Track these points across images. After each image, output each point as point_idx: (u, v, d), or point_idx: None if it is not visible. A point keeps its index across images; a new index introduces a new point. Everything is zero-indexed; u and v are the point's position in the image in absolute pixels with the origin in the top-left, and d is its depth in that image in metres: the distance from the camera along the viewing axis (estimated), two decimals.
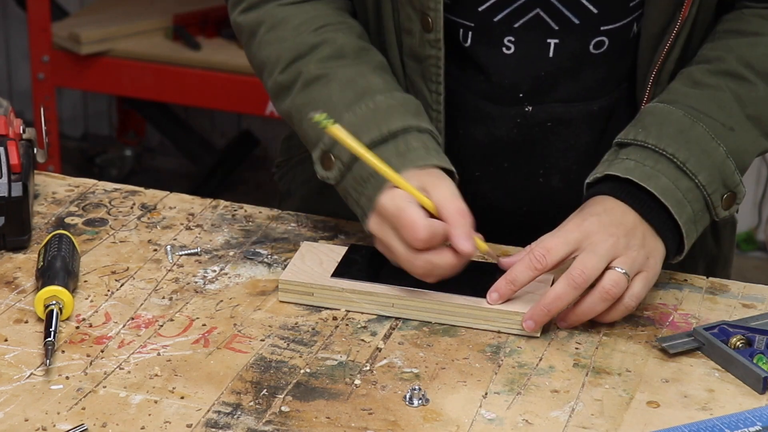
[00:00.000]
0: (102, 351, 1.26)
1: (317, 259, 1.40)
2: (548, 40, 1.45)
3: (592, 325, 1.33)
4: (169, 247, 1.45)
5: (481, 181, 1.53)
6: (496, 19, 1.44)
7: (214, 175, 3.85)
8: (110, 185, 1.59)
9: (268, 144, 3.96)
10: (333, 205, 1.54)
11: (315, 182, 1.61)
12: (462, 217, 1.30)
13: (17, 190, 1.43)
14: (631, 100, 1.51)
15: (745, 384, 1.24)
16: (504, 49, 1.46)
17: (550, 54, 1.45)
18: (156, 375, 1.23)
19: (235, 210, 1.55)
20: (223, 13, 3.42)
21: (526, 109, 1.48)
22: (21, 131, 1.51)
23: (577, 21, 1.44)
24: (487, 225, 1.45)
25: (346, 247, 1.43)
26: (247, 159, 3.93)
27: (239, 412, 1.18)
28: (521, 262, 1.32)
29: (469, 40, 1.47)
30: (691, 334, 1.29)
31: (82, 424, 1.15)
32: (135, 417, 1.17)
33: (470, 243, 1.30)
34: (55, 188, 1.58)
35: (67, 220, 1.51)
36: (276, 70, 1.47)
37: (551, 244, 1.31)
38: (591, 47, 1.45)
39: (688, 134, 1.38)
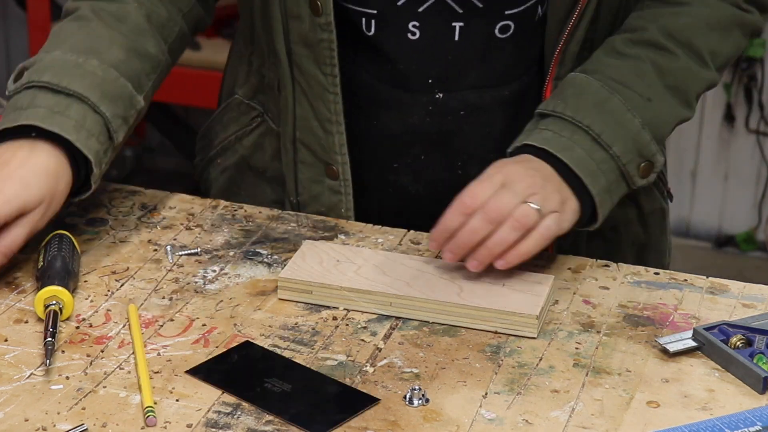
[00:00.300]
0: (102, 351, 1.26)
1: (318, 258, 1.40)
2: (453, 24, 1.46)
3: (592, 324, 1.33)
4: (169, 247, 1.45)
5: (400, 173, 1.55)
6: (399, 4, 1.45)
7: None
8: (110, 185, 1.59)
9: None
10: (240, 199, 1.58)
11: (222, 178, 1.66)
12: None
13: None
14: (543, 85, 1.52)
15: (745, 384, 1.24)
16: (409, 35, 1.47)
17: (456, 38, 1.47)
18: (156, 375, 1.23)
19: (235, 210, 1.55)
20: (223, 12, 3.41)
21: (437, 95, 1.50)
22: None
23: (480, 4, 1.45)
24: (410, 216, 1.48)
25: (347, 247, 1.43)
26: None
27: (239, 412, 1.18)
28: (452, 208, 1.34)
29: (372, 29, 1.48)
30: (691, 334, 1.29)
31: (82, 424, 1.15)
32: (135, 417, 1.17)
33: None
34: None
35: (67, 220, 1.51)
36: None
37: (477, 188, 1.34)
38: (497, 31, 1.47)
39: (604, 106, 1.41)
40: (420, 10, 1.45)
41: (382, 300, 1.34)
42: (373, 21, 1.47)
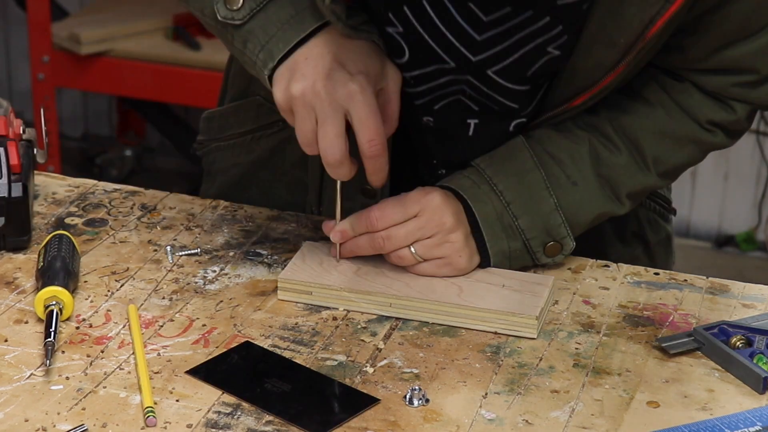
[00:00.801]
0: (102, 351, 1.26)
1: (318, 258, 1.40)
2: (468, 120, 1.45)
3: (592, 325, 1.33)
4: (169, 248, 1.45)
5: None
6: (417, 103, 1.44)
7: None
8: (110, 185, 1.59)
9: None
10: (250, 196, 1.57)
11: (234, 171, 1.62)
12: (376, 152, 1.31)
13: (17, 191, 1.43)
14: None
15: (745, 384, 1.24)
16: (425, 119, 1.46)
17: (470, 133, 1.45)
18: (156, 375, 1.23)
19: (235, 210, 1.55)
20: None
21: (440, 172, 1.50)
22: (21, 131, 1.51)
23: (496, 107, 1.43)
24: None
25: None
26: None
27: (239, 413, 1.18)
28: (360, 215, 1.37)
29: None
30: (691, 334, 1.29)
31: (82, 425, 1.15)
32: (135, 417, 1.17)
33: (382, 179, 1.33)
34: (55, 188, 1.58)
35: (67, 220, 1.51)
36: None
37: (389, 211, 1.37)
38: (510, 128, 1.45)
39: (524, 177, 1.40)
40: (436, 107, 1.43)
41: (381, 301, 1.34)
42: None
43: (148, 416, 1.16)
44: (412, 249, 1.37)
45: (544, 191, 1.40)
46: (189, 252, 1.44)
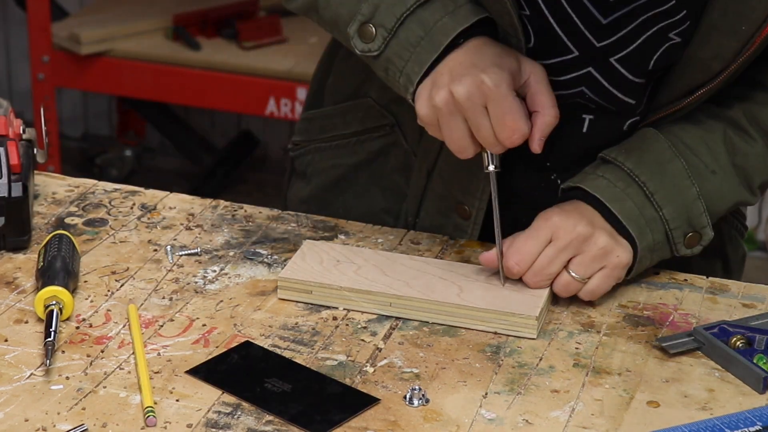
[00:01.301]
0: (102, 351, 1.26)
1: (318, 258, 1.40)
2: (583, 116, 1.45)
3: (592, 324, 1.33)
4: (169, 247, 1.45)
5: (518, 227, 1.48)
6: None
7: (214, 175, 3.85)
8: (110, 185, 1.59)
9: (268, 144, 3.96)
10: (345, 199, 1.56)
11: (333, 173, 1.60)
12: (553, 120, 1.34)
13: (17, 191, 1.43)
14: None
15: (745, 384, 1.24)
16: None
17: (584, 129, 1.45)
18: (156, 375, 1.23)
19: (235, 210, 1.55)
20: (223, 13, 3.42)
21: (552, 176, 1.48)
22: (21, 131, 1.51)
23: (612, 107, 1.43)
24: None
25: (347, 247, 1.43)
26: (247, 159, 3.92)
27: (239, 413, 1.18)
28: (505, 267, 1.36)
29: None
30: (691, 334, 1.29)
31: (83, 425, 1.15)
32: (135, 417, 1.17)
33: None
34: (55, 188, 1.58)
35: (67, 220, 1.51)
36: None
37: (523, 247, 1.35)
38: (625, 127, 1.45)
39: (665, 167, 1.39)
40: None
41: (381, 300, 1.34)
42: None
43: (148, 416, 1.16)
44: (571, 273, 1.35)
45: (687, 180, 1.39)
46: (189, 252, 1.44)
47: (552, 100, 1.35)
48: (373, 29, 1.37)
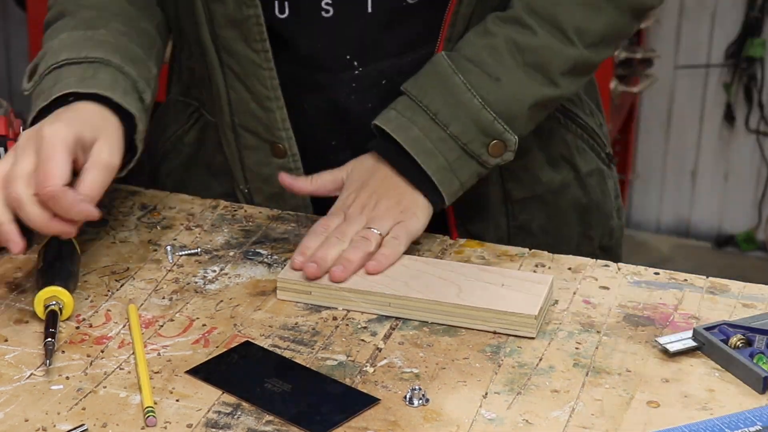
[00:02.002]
0: (102, 351, 1.26)
1: None
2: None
3: (592, 324, 1.33)
4: (169, 247, 1.45)
5: (338, 150, 1.55)
6: None
7: None
8: (110, 185, 1.59)
9: None
10: (192, 194, 1.59)
11: (173, 178, 1.66)
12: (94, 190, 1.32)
13: None
14: None
15: (746, 384, 1.24)
16: (323, 13, 1.47)
17: (369, 9, 1.47)
18: (156, 375, 1.23)
19: (235, 210, 1.55)
20: None
21: (356, 72, 1.51)
22: (21, 132, 1.51)
23: None
24: None
25: None
26: None
27: (239, 413, 1.18)
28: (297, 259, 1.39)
29: (286, 11, 1.48)
30: (692, 334, 1.29)
31: (83, 425, 1.15)
32: (135, 417, 1.17)
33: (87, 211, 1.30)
34: None
35: None
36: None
37: (305, 244, 1.39)
38: (368, 7, 1.47)
39: (445, 85, 1.43)
40: None
41: (380, 300, 1.34)
42: (286, 3, 1.48)
43: (148, 416, 1.16)
44: (374, 230, 1.39)
45: (467, 93, 1.42)
46: (189, 252, 1.44)
47: (94, 193, 1.33)
48: (36, 72, 1.43)
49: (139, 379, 1.21)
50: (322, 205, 1.51)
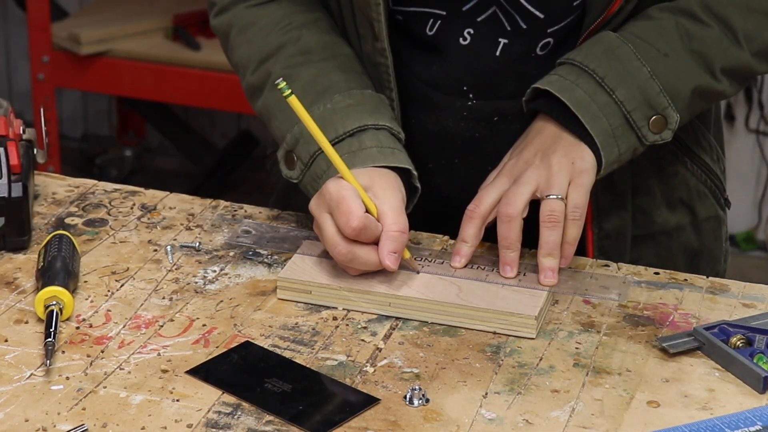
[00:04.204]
0: (102, 351, 1.26)
1: (317, 257, 1.40)
2: (499, 39, 1.47)
3: (592, 324, 1.33)
4: (169, 248, 1.45)
5: (434, 174, 1.54)
6: (464, 9, 1.47)
7: (214, 175, 3.86)
8: (110, 185, 1.59)
9: (268, 144, 3.96)
10: (301, 201, 1.57)
11: (284, 181, 1.63)
12: (398, 233, 1.34)
13: (17, 191, 1.43)
14: None
15: (746, 383, 1.24)
16: (461, 40, 1.48)
17: (497, 53, 1.48)
18: (156, 375, 1.23)
19: (235, 210, 1.55)
20: None
21: (470, 102, 1.50)
22: (21, 132, 1.51)
23: (524, 25, 1.46)
24: (441, 219, 1.47)
25: None
26: (247, 159, 3.93)
27: (239, 413, 1.18)
28: (464, 221, 1.39)
29: (435, 29, 1.49)
30: (692, 334, 1.29)
31: (83, 425, 1.15)
32: (135, 417, 1.17)
33: (395, 261, 1.33)
34: (55, 189, 1.58)
35: (67, 220, 1.51)
36: (248, 71, 1.53)
37: (481, 195, 1.40)
38: (538, 49, 1.48)
39: (613, 53, 1.42)
40: (479, 19, 1.46)
41: (380, 300, 1.34)
42: (438, 22, 1.48)
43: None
44: (548, 195, 1.37)
45: (636, 62, 1.41)
46: (188, 244, 1.44)
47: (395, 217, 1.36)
48: (295, 159, 1.45)
49: None
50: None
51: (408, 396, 1.20)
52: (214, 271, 1.41)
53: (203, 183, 3.78)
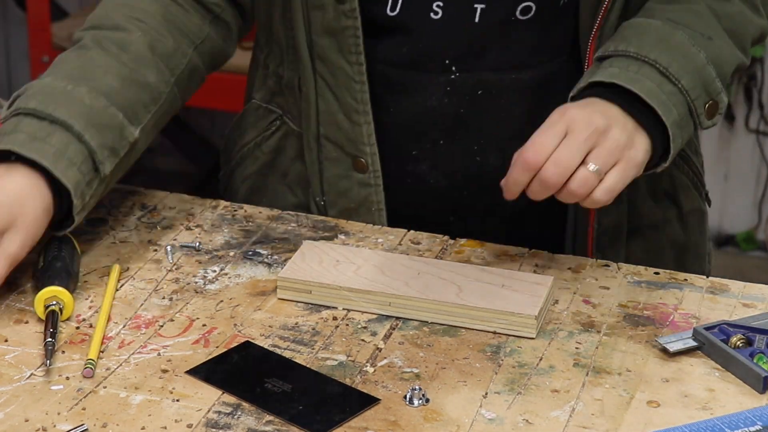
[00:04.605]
0: (102, 351, 1.26)
1: (317, 257, 1.40)
2: (475, 5, 1.45)
3: (592, 324, 1.33)
4: (169, 248, 1.45)
5: (418, 161, 1.53)
6: None
7: (214, 175, 3.85)
8: None
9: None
10: (265, 203, 1.59)
11: (245, 186, 1.64)
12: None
13: None
14: (574, 73, 1.48)
15: (746, 383, 1.24)
16: (432, 15, 1.46)
17: (476, 19, 1.46)
18: (156, 375, 1.23)
19: (235, 210, 1.55)
20: None
21: (454, 75, 1.48)
22: None
23: None
24: (429, 209, 1.46)
25: (346, 247, 1.43)
26: None
27: (239, 413, 1.18)
28: (516, 166, 1.32)
29: (397, 8, 1.47)
30: (692, 334, 1.29)
31: (83, 425, 1.15)
32: (135, 417, 1.17)
33: None
34: None
35: None
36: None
37: (539, 140, 1.32)
38: (518, 12, 1.46)
39: (668, 41, 1.40)
40: None
41: (381, 300, 1.34)
42: (399, 1, 1.46)
43: (86, 367, 1.20)
44: (589, 166, 1.31)
45: (692, 48, 1.40)
46: (188, 244, 1.45)
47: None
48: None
49: (94, 333, 1.25)
50: (397, 222, 1.51)
51: (408, 396, 1.20)
52: (214, 271, 1.41)
53: (203, 183, 3.78)
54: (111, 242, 1.47)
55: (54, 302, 1.29)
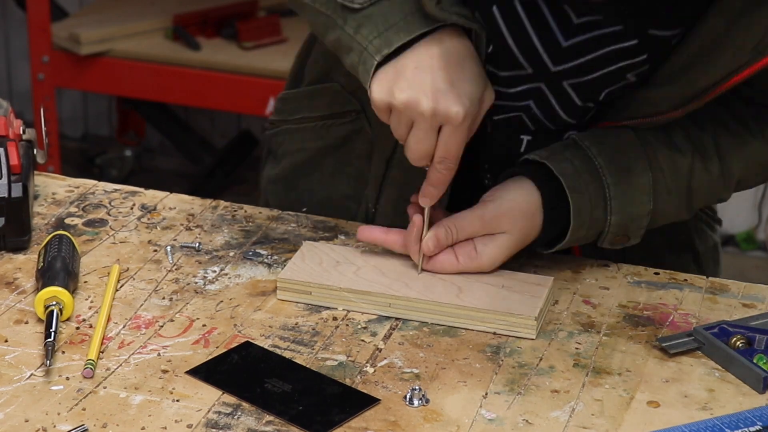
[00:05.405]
0: (102, 351, 1.26)
1: (317, 258, 1.40)
2: (521, 137, 1.45)
3: (592, 324, 1.33)
4: (169, 248, 1.45)
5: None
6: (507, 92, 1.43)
7: (214, 175, 3.86)
8: (110, 186, 1.59)
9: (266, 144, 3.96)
10: (310, 182, 1.57)
11: (300, 156, 1.61)
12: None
13: (17, 191, 1.43)
14: None
15: (746, 384, 1.24)
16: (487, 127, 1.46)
17: (522, 149, 1.46)
18: (156, 375, 1.23)
19: (235, 210, 1.55)
20: (223, 13, 3.42)
21: (486, 182, 1.50)
22: (21, 132, 1.51)
23: (552, 126, 1.44)
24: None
25: (346, 248, 1.43)
26: (247, 159, 3.93)
27: (239, 413, 1.18)
28: (434, 233, 1.36)
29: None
30: (691, 334, 1.29)
31: (83, 425, 1.15)
32: (135, 417, 1.17)
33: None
34: (55, 189, 1.58)
35: (67, 220, 1.51)
36: None
37: (464, 223, 1.37)
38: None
39: (632, 177, 1.39)
40: (495, 118, 1.44)
41: (381, 301, 1.34)
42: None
43: (86, 367, 1.20)
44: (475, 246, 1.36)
45: (645, 196, 1.39)
46: (188, 244, 1.45)
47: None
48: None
49: (94, 334, 1.25)
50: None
51: (408, 396, 1.20)
52: (214, 272, 1.41)
53: (203, 183, 3.78)
54: (111, 242, 1.47)
55: (54, 302, 1.29)
